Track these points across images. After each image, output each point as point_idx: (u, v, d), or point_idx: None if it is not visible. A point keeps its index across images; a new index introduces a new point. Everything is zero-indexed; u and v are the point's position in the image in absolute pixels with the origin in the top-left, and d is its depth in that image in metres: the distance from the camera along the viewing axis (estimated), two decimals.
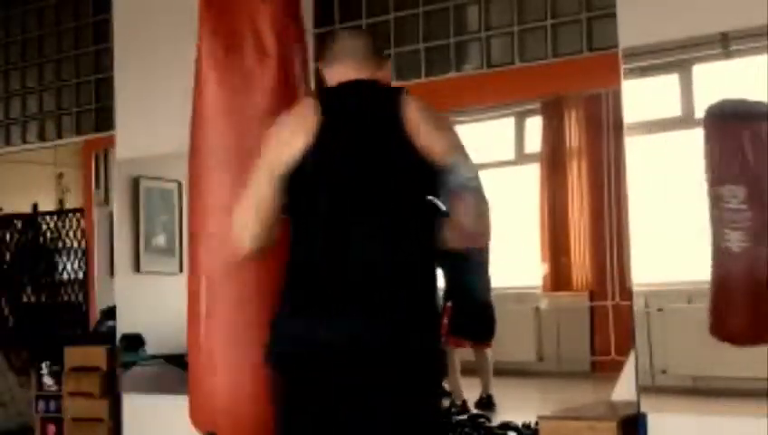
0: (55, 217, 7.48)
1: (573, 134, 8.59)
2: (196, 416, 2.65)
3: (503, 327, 6.64)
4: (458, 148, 2.41)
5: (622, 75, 4.10)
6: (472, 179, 2.35)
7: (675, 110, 4.24)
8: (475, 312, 6.41)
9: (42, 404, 5.90)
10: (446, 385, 5.99)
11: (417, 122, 2.37)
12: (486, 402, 6.53)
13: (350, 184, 2.30)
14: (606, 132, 7.91)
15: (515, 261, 8.11)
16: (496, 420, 5.76)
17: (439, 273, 2.79)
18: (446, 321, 6.01)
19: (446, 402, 5.81)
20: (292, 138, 2.33)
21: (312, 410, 2.22)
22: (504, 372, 6.71)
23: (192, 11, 3.53)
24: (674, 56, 4.08)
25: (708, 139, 3.90)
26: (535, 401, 6.94)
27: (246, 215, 2.35)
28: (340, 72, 2.47)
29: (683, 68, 4.17)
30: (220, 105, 2.60)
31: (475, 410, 6.07)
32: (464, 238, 2.39)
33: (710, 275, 3.87)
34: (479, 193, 2.35)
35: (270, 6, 2.61)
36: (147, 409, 5.30)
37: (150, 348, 5.38)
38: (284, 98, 2.55)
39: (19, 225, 7.53)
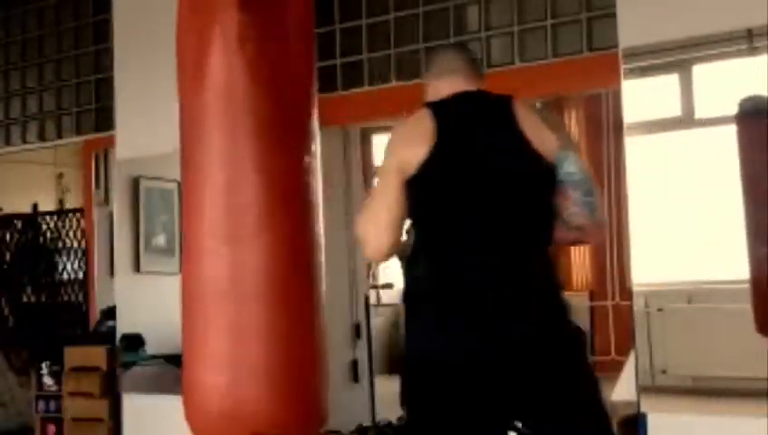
0: (55, 217, 7.47)
1: (573, 134, 8.59)
2: (192, 418, 2.63)
3: None
4: (565, 142, 2.50)
5: (622, 75, 4.10)
6: (574, 174, 2.46)
7: (675, 110, 4.24)
8: None
9: (42, 404, 5.90)
10: None
11: (530, 123, 2.49)
12: None
13: (482, 189, 2.37)
14: (606, 132, 7.92)
15: None
16: None
17: None
18: None
19: None
20: (414, 146, 2.38)
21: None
22: None
23: None
24: (674, 56, 4.08)
25: (750, 136, 3.88)
26: None
27: (378, 227, 2.41)
28: (449, 85, 2.58)
29: (683, 68, 4.17)
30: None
31: None
32: (572, 234, 2.52)
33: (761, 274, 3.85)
34: (583, 186, 2.48)
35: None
36: (147, 409, 5.30)
37: (150, 348, 5.38)
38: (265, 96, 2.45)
39: (19, 225, 7.52)
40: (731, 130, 3.94)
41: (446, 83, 2.60)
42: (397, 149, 2.44)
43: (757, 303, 3.83)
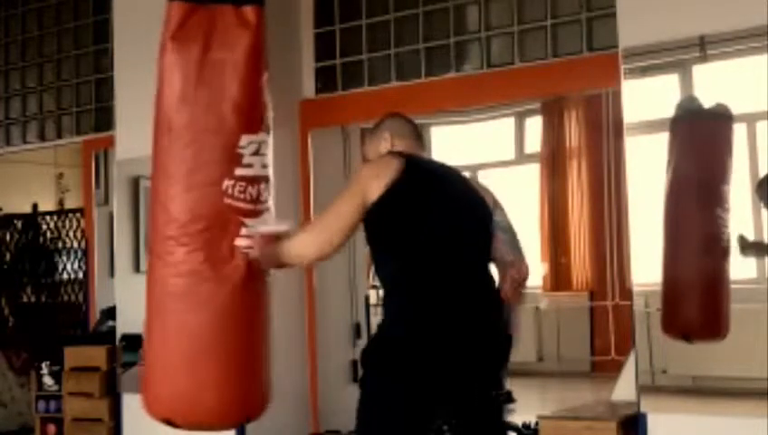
0: (55, 217, 7.47)
1: (573, 134, 8.59)
2: (151, 405, 2.64)
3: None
4: (493, 197, 3.03)
5: (622, 75, 4.10)
6: (502, 221, 3.00)
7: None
8: None
9: (42, 404, 5.90)
10: None
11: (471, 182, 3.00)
12: (505, 399, 6.55)
13: (458, 223, 2.75)
14: (606, 132, 7.91)
15: None
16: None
17: None
18: None
19: None
20: (380, 177, 2.64)
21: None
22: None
23: None
24: (674, 56, 4.08)
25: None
26: (535, 401, 6.94)
27: (331, 234, 2.60)
28: (411, 146, 2.89)
29: (683, 68, 4.17)
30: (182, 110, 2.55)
31: None
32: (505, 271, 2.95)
33: None
34: (509, 231, 3.03)
35: None
36: None
37: None
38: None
39: (19, 225, 7.52)
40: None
41: (408, 144, 2.89)
42: (363, 179, 2.67)
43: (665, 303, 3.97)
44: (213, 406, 2.50)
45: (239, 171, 2.48)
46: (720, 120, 3.95)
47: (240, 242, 2.49)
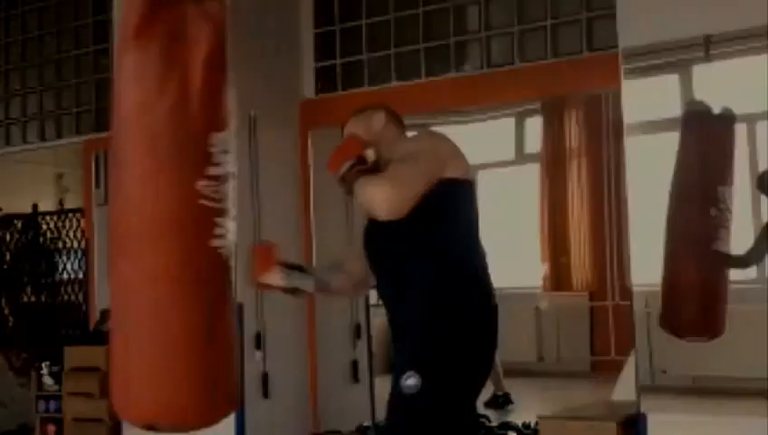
0: (55, 217, 7.47)
1: (573, 134, 8.58)
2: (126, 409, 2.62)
3: (503, 327, 6.62)
4: None
5: (622, 75, 4.10)
6: None
7: (675, 110, 4.24)
8: None
9: (42, 404, 5.90)
10: None
11: None
12: (503, 400, 6.56)
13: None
14: (606, 132, 7.91)
15: (515, 261, 8.11)
16: (500, 418, 5.77)
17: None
18: None
19: None
20: (457, 159, 2.74)
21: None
22: (505, 372, 6.73)
23: None
24: (674, 56, 4.09)
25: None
26: (535, 401, 6.94)
27: (409, 193, 2.62)
28: (400, 136, 2.92)
29: (683, 68, 4.17)
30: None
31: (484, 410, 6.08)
32: None
33: None
34: None
35: None
36: None
37: None
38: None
39: (19, 225, 7.52)
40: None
41: (393, 127, 2.93)
42: (445, 151, 2.73)
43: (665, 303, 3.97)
44: (195, 407, 2.47)
45: (211, 170, 2.44)
46: (723, 122, 3.95)
47: (214, 242, 2.47)
